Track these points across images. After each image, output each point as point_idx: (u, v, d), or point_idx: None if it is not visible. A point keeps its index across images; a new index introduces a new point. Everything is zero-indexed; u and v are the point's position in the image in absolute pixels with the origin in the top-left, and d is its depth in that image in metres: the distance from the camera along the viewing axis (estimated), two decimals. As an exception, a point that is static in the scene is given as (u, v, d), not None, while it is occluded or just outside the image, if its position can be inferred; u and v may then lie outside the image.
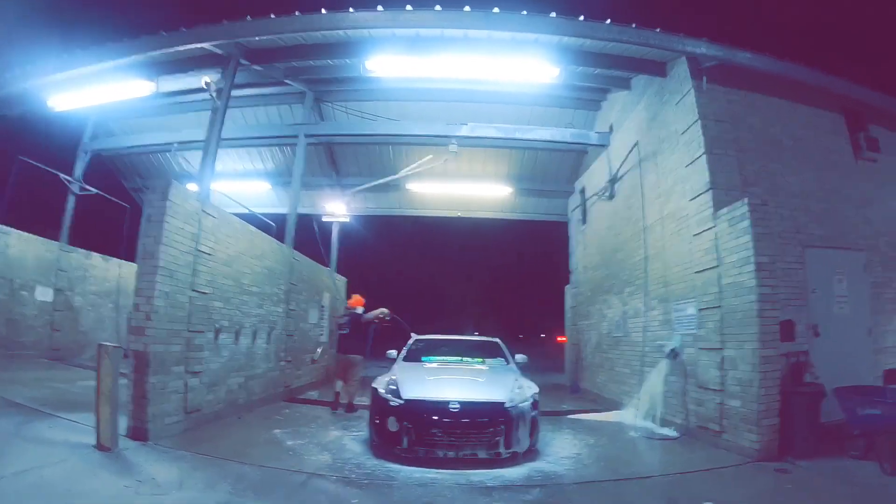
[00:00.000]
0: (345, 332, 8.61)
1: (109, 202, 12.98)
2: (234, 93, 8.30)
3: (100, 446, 4.81)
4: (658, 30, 7.36)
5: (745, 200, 6.02)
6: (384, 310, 8.93)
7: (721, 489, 4.53)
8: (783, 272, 6.39)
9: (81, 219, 12.74)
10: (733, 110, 7.31)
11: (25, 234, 11.17)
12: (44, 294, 11.56)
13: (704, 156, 6.88)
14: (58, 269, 11.87)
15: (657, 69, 8.08)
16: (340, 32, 7.72)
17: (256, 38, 7.80)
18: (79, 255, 12.57)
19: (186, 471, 4.50)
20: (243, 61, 8.11)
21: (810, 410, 5.61)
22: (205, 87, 7.55)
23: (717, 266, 6.38)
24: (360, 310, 8.87)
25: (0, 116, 10.47)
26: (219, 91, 7.63)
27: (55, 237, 12.07)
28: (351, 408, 8.16)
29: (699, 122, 7.04)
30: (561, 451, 5.84)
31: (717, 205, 6.57)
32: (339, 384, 8.42)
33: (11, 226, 10.83)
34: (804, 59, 7.57)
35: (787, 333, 6.01)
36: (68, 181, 12.18)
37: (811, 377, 6.02)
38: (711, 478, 4.88)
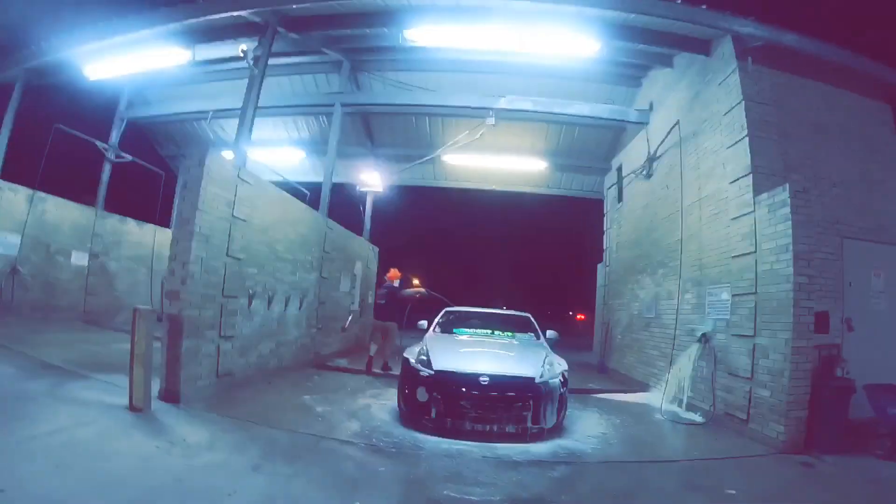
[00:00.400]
0: (382, 302, 9.18)
1: (145, 169, 13.21)
2: (271, 61, 8.30)
3: (132, 407, 4.93)
4: (704, 6, 7.12)
5: (787, 186, 5.85)
6: (423, 290, 9.56)
7: (744, 478, 4.49)
8: (820, 262, 6.21)
9: (117, 185, 13.05)
10: (778, 93, 7.07)
11: (62, 199, 11.45)
12: (79, 258, 11.89)
13: (747, 138, 6.69)
14: (93, 234, 12.19)
15: (701, 47, 7.83)
16: (379, 1, 7.63)
17: (294, 6, 7.76)
18: (114, 221, 12.88)
19: (216, 433, 4.61)
20: (280, 29, 8.10)
21: (839, 405, 5.49)
22: (242, 55, 7.58)
23: (754, 252, 6.25)
24: (396, 283, 9.28)
25: (38, 85, 10.72)
26: (256, 59, 7.65)
27: (91, 203, 12.38)
28: (386, 367, 8.71)
29: (743, 103, 6.83)
30: (587, 429, 5.85)
31: (758, 189, 6.40)
32: (373, 348, 8.87)
33: (49, 192, 11.10)
34: (852, 45, 7.28)
35: (821, 325, 5.85)
36: (104, 148, 12.43)
37: (842, 372, 5.86)
38: (735, 466, 4.84)
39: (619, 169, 12.41)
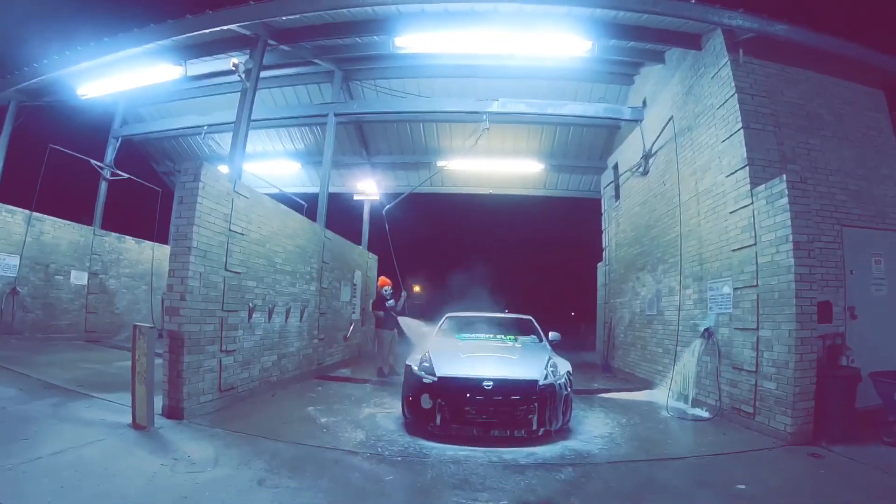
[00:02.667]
0: (380, 314, 9.81)
1: (141, 186, 13.24)
2: (263, 73, 8.32)
3: (136, 425, 4.94)
4: (693, 0, 7.12)
5: (784, 177, 5.83)
6: (403, 293, 10.26)
7: (754, 472, 4.46)
8: (821, 252, 6.22)
9: (114, 203, 13.09)
10: (771, 84, 7.07)
11: (59, 220, 11.51)
12: (79, 278, 11.94)
13: (741, 130, 6.69)
14: (92, 253, 12.23)
15: (692, 42, 7.83)
16: (368, 9, 7.62)
17: (283, 18, 7.77)
18: (112, 239, 12.91)
19: (221, 448, 4.58)
20: (271, 42, 8.12)
21: (846, 395, 5.47)
22: (233, 68, 7.55)
23: (754, 244, 6.23)
24: (386, 290, 9.93)
25: (32, 106, 10.75)
26: (247, 72, 7.64)
27: (88, 222, 12.43)
28: (381, 373, 9.26)
29: (736, 95, 6.83)
30: (593, 429, 5.82)
31: (755, 181, 6.39)
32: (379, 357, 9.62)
33: (45, 213, 11.14)
34: (844, 32, 7.27)
35: (824, 315, 5.82)
36: (99, 167, 12.45)
37: (847, 361, 5.86)
38: (744, 460, 4.82)
39: (616, 167, 12.41)
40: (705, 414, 6.69)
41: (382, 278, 10.44)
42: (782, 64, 7.22)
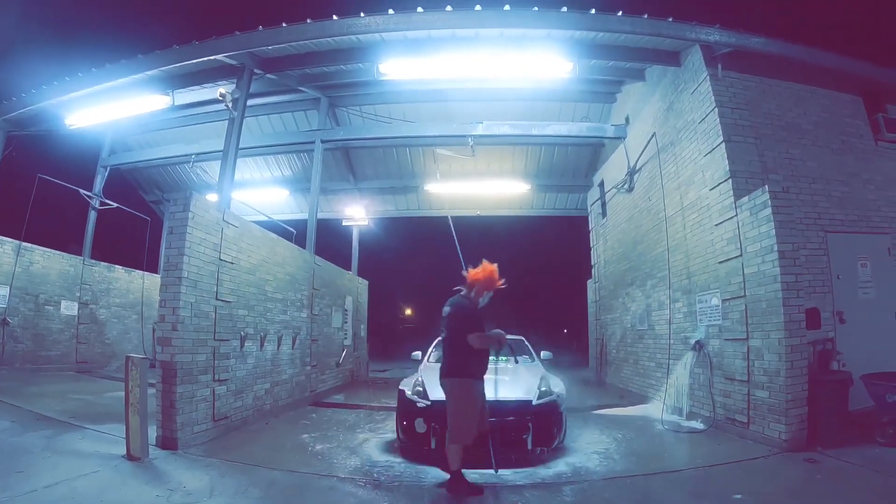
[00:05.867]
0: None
1: (130, 216, 13.21)
2: (250, 102, 8.39)
3: (130, 456, 4.90)
4: (670, 19, 7.27)
5: (766, 188, 5.94)
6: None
7: (750, 481, 4.48)
8: (806, 259, 6.32)
9: (103, 233, 13.05)
10: (750, 97, 7.21)
11: (48, 250, 11.44)
12: (69, 308, 11.84)
13: (723, 144, 6.80)
14: (81, 283, 12.15)
15: (671, 59, 8.00)
16: (352, 38, 7.74)
17: (269, 48, 7.88)
18: (101, 269, 12.84)
19: (216, 478, 4.55)
20: (257, 71, 8.20)
21: (838, 398, 5.53)
22: (220, 98, 7.62)
23: (740, 255, 6.31)
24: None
25: (19, 135, 10.75)
26: (234, 101, 7.71)
27: (78, 252, 12.36)
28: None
29: (716, 109, 6.96)
30: (589, 446, 5.82)
31: (738, 193, 6.49)
32: None
33: (34, 242, 11.08)
34: (819, 41, 7.44)
35: (812, 321, 5.90)
36: (88, 196, 12.42)
37: (838, 365, 5.92)
38: (740, 470, 4.84)
39: (601, 184, 12.54)
40: (700, 426, 6.70)
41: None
42: (761, 76, 7.37)
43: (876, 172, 7.47)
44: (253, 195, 13.76)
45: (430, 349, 7.71)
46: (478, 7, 7.22)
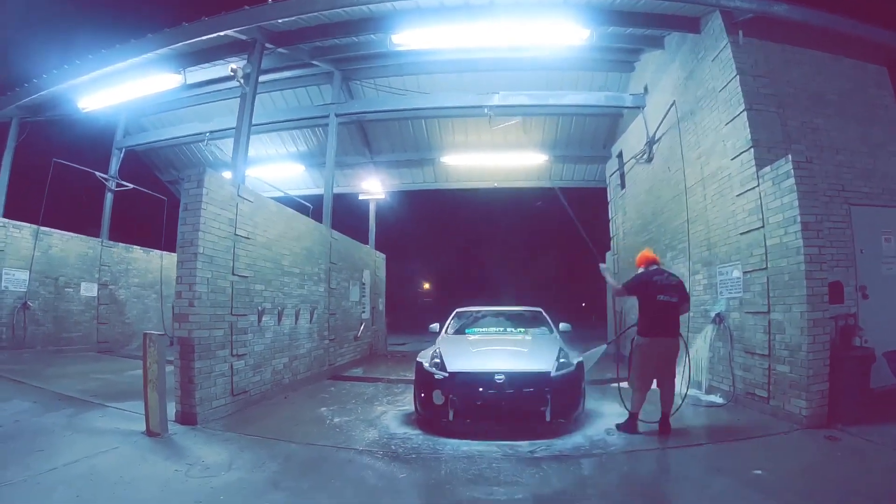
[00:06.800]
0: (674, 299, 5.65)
1: (147, 196, 13.29)
2: (262, 77, 8.34)
3: (149, 432, 4.97)
4: (690, -18, 7.05)
5: (789, 157, 5.76)
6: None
7: (770, 458, 4.42)
8: (829, 232, 6.13)
9: (120, 214, 13.16)
10: (772, 64, 6.99)
11: (66, 233, 11.58)
12: (88, 289, 12.01)
13: (745, 112, 6.61)
14: (100, 264, 12.30)
15: (690, 25, 7.75)
16: (364, 8, 7.59)
17: (279, 21, 7.77)
18: (120, 250, 12.98)
19: (235, 452, 4.59)
20: (268, 45, 8.12)
21: (860, 375, 5.42)
22: (232, 73, 7.57)
23: (762, 227, 6.16)
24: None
25: (34, 121, 10.83)
26: (246, 77, 7.65)
27: (96, 234, 12.49)
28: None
29: (737, 77, 6.75)
30: (608, 419, 5.77)
31: (760, 163, 6.32)
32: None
33: (52, 227, 11.21)
34: (844, 9, 7.18)
35: (835, 295, 5.77)
36: (104, 179, 12.51)
37: (860, 341, 5.79)
38: (760, 446, 4.77)
39: (620, 155, 12.33)
40: (720, 400, 6.64)
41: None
42: (783, 44, 7.15)
43: (901, 145, 7.24)
44: (268, 171, 13.77)
45: (448, 321, 7.71)
46: (492, -27, 7.05)
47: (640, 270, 5.99)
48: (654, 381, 5.46)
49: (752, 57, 6.93)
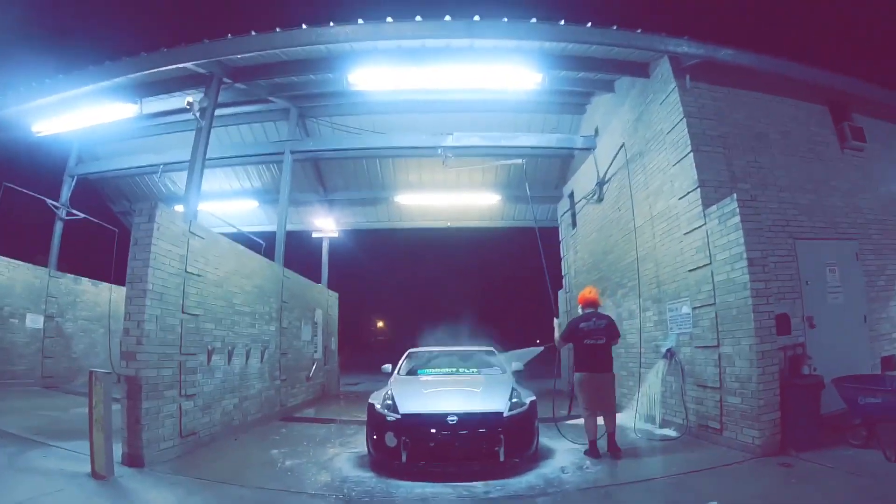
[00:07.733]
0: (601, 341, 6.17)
1: (97, 226, 12.86)
2: (218, 112, 8.28)
3: (95, 475, 4.74)
4: (639, 30, 7.36)
5: (734, 196, 6.01)
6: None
7: (725, 487, 4.50)
8: (775, 266, 6.40)
9: (70, 244, 12.68)
10: (718, 107, 7.33)
11: (13, 260, 11.08)
12: (34, 321, 11.46)
13: (691, 154, 6.89)
14: (48, 295, 11.77)
15: (640, 70, 8.09)
16: (322, 47, 7.69)
17: (238, 56, 7.80)
18: (68, 281, 12.48)
19: (183, 496, 4.43)
20: (226, 80, 8.11)
21: (810, 402, 5.59)
22: (188, 107, 7.50)
23: (710, 263, 6.37)
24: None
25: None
26: (202, 110, 7.60)
27: (44, 263, 11.99)
28: None
29: (684, 120, 7.05)
30: (562, 457, 5.78)
31: (707, 202, 6.57)
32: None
33: (-1, 253, 10.73)
34: (786, 52, 7.61)
35: (782, 327, 6.00)
36: (55, 206, 12.09)
37: (809, 369, 5.99)
38: (715, 476, 4.85)
39: (571, 195, 12.59)
40: (673, 433, 6.72)
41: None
42: (729, 87, 7.50)
43: (842, 179, 7.65)
44: (221, 206, 13.48)
45: (400, 361, 7.62)
46: (447, 18, 7.23)
47: (574, 318, 6.82)
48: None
49: (698, 100, 7.24)
